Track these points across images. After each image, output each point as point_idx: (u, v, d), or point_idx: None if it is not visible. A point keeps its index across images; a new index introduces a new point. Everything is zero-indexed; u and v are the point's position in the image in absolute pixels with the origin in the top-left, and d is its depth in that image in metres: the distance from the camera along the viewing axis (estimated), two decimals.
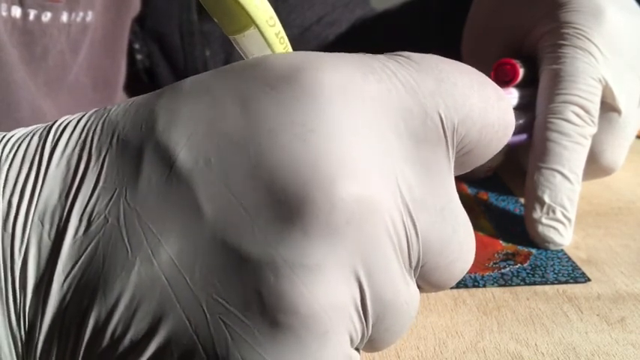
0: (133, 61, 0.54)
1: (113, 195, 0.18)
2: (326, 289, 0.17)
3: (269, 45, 0.22)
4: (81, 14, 0.42)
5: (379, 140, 0.18)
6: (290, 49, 0.22)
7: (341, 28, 0.58)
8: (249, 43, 0.22)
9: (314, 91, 0.18)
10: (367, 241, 0.18)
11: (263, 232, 0.17)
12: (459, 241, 0.20)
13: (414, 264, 0.19)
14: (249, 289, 0.17)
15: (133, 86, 0.54)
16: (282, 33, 0.22)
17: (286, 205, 0.17)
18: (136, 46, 0.54)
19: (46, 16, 0.38)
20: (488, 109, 0.20)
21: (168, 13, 0.54)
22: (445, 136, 0.19)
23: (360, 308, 0.18)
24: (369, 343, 0.20)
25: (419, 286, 0.21)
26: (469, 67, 0.21)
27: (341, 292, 0.17)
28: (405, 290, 0.19)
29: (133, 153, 0.18)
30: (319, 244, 0.17)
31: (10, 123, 0.37)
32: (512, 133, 0.22)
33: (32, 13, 0.37)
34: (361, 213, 0.17)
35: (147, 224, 0.17)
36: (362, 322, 0.18)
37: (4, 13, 0.35)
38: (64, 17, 0.40)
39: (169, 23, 0.54)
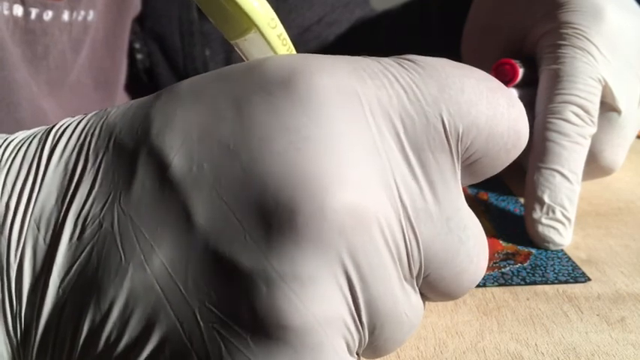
0: (133, 61, 0.54)
1: (108, 200, 0.18)
2: (320, 301, 0.17)
3: (271, 47, 0.21)
4: (82, 13, 0.42)
5: (378, 147, 0.18)
6: (293, 50, 0.22)
7: (341, 28, 0.58)
8: (251, 47, 0.22)
9: (310, 96, 0.18)
10: (361, 250, 0.17)
11: (255, 242, 0.17)
12: (468, 252, 0.20)
13: (415, 273, 0.19)
14: (241, 300, 0.17)
15: (134, 86, 0.54)
16: (284, 34, 0.22)
17: (278, 215, 0.17)
18: (137, 45, 0.54)
19: (48, 15, 0.38)
20: (497, 117, 0.20)
21: (168, 13, 0.54)
22: (449, 144, 0.19)
23: (355, 317, 0.18)
24: (370, 350, 0.20)
25: (426, 296, 0.21)
26: (481, 72, 0.20)
27: (335, 302, 0.17)
28: (404, 300, 0.19)
29: (128, 157, 0.18)
30: (311, 255, 0.17)
31: (11, 123, 0.37)
32: (524, 143, 0.21)
33: (34, 12, 0.37)
34: (354, 223, 0.17)
35: (140, 230, 0.17)
36: (358, 331, 0.18)
37: (5, 12, 0.35)
38: (66, 16, 0.40)
39: (169, 23, 0.54)
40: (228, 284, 0.17)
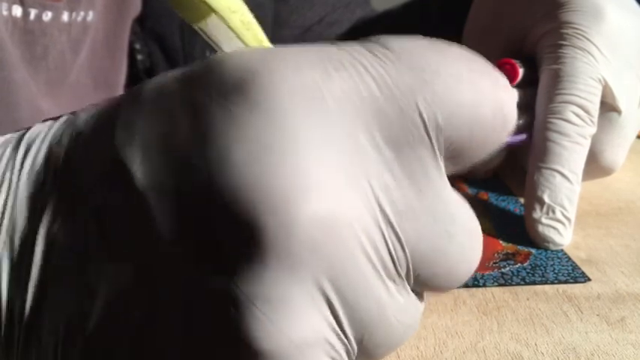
0: (133, 62, 0.54)
1: (75, 215, 0.17)
2: (295, 322, 0.16)
3: (235, 33, 0.21)
4: (82, 14, 0.42)
5: (349, 149, 0.17)
6: (261, 34, 0.21)
7: (342, 28, 0.57)
8: (214, 31, 0.21)
9: (268, 99, 0.17)
10: (337, 264, 0.16)
11: (220, 262, 0.16)
12: (459, 243, 0.19)
13: (403, 274, 0.18)
14: (213, 323, 0.16)
15: (134, 86, 0.54)
16: (249, 18, 0.21)
17: (242, 236, 0.16)
18: (137, 46, 0.54)
19: (47, 16, 0.38)
20: (481, 102, 0.18)
21: (169, 13, 0.54)
22: (429, 137, 0.18)
23: (339, 332, 0.17)
24: (363, 357, 0.19)
25: (421, 294, 0.20)
26: (463, 52, 0.19)
27: (313, 321, 0.16)
28: (391, 305, 0.18)
29: (93, 170, 0.18)
30: (282, 275, 0.16)
31: (10, 123, 0.37)
32: (512, 126, 0.19)
33: (33, 13, 0.37)
34: (326, 236, 0.16)
35: (108, 248, 0.17)
36: (344, 344, 0.17)
37: (4, 12, 0.35)
38: (65, 17, 0.40)
39: (169, 23, 0.54)
40: (197, 305, 0.16)
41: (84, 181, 0.18)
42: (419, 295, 0.19)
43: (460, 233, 0.19)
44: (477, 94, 0.18)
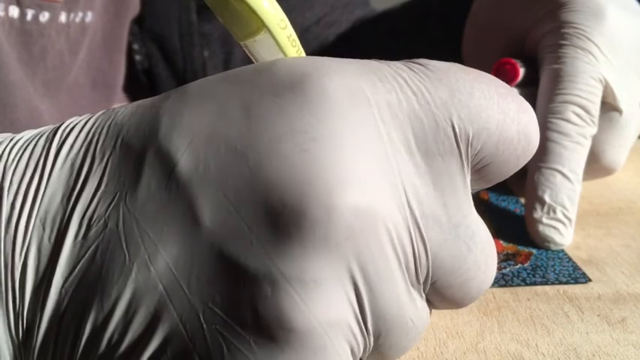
0: (131, 62, 0.54)
1: (113, 199, 0.18)
2: (324, 304, 0.17)
3: (281, 48, 0.21)
4: (80, 15, 0.42)
5: (386, 151, 0.18)
6: (302, 52, 0.22)
7: (341, 28, 0.57)
8: (260, 48, 0.21)
9: (318, 97, 0.18)
10: (369, 255, 0.17)
11: (261, 244, 0.17)
12: (476, 259, 0.20)
13: (422, 279, 0.19)
14: (246, 301, 0.17)
15: (132, 87, 0.54)
16: (294, 35, 0.21)
17: (284, 218, 0.17)
18: (135, 46, 0.54)
19: (44, 17, 0.38)
20: (507, 122, 0.19)
21: (167, 14, 0.54)
22: (459, 149, 0.19)
23: (361, 322, 0.18)
24: (375, 357, 0.20)
25: (432, 303, 0.20)
26: (490, 76, 0.20)
27: (340, 306, 0.17)
28: (410, 306, 0.19)
29: (135, 157, 0.18)
30: (317, 258, 0.17)
31: (7, 124, 0.37)
32: (535, 149, 0.20)
33: (30, 13, 0.37)
34: (362, 226, 0.17)
35: (145, 230, 0.17)
36: (364, 336, 0.18)
37: (1, 13, 0.35)
38: (63, 17, 0.40)
39: (168, 24, 0.54)
40: (233, 285, 0.17)
41: (124, 169, 0.18)
42: (429, 304, 0.20)
43: (478, 249, 0.20)
44: (505, 115, 0.19)
